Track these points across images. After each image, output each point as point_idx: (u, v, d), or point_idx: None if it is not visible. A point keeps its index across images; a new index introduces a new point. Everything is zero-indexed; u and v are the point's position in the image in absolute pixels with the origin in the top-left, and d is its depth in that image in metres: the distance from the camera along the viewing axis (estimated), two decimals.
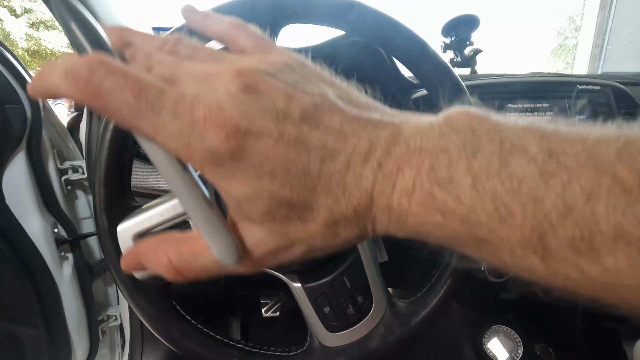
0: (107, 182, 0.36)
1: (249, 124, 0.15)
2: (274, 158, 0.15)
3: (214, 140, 0.15)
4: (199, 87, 0.16)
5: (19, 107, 0.67)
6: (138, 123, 0.15)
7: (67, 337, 0.80)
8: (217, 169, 0.16)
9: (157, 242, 0.20)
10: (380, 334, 0.38)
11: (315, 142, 0.15)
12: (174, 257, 0.19)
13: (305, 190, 0.16)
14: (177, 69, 0.17)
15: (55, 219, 0.77)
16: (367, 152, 0.16)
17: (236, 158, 0.15)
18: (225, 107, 0.15)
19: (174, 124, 0.15)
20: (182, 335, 0.38)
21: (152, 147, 0.16)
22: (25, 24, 9.38)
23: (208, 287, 0.83)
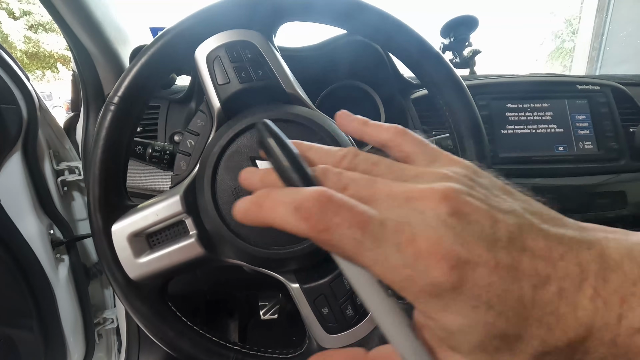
0: (102, 181, 0.36)
1: (468, 253, 0.15)
2: (491, 287, 0.14)
3: (437, 273, 0.14)
4: (404, 212, 0.15)
5: (15, 107, 0.67)
6: (360, 255, 0.15)
7: (63, 340, 0.79)
8: (433, 301, 0.15)
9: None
10: (379, 335, 0.37)
11: (526, 268, 0.15)
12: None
13: (519, 320, 0.15)
14: (372, 189, 0.17)
15: (51, 220, 0.76)
16: (579, 278, 0.15)
17: (456, 289, 0.15)
18: (444, 237, 0.15)
19: (397, 256, 0.15)
20: (178, 337, 0.37)
21: (358, 272, 0.16)
22: (24, 26, 9.39)
23: (205, 288, 0.82)
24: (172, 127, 0.66)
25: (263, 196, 0.17)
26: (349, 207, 0.15)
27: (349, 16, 0.38)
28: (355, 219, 0.15)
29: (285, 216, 0.16)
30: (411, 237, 0.15)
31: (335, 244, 0.15)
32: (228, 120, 0.37)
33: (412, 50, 0.39)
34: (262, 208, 0.17)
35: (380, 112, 0.69)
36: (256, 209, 0.17)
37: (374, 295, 0.17)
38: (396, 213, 0.16)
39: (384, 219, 0.15)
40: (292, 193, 0.16)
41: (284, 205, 0.16)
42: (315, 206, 0.15)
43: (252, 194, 0.17)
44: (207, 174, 0.35)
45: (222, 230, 0.35)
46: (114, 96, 0.36)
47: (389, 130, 0.21)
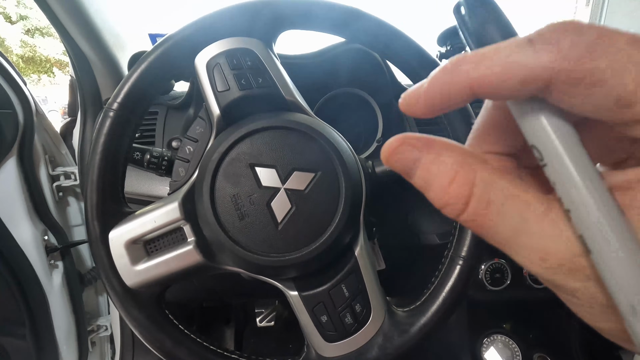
0: (100, 187, 0.36)
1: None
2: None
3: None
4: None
5: (11, 111, 0.66)
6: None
7: (56, 349, 0.77)
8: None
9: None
10: (379, 343, 0.37)
11: None
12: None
13: None
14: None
15: (46, 226, 0.75)
16: None
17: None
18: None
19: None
20: (175, 345, 0.37)
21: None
22: (20, 31, 9.37)
23: (202, 295, 0.81)
24: (170, 133, 0.66)
25: (459, 57, 0.13)
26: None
27: (347, 25, 0.38)
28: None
29: (508, 55, 0.12)
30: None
31: (607, 72, 0.11)
32: (227, 127, 0.37)
33: (410, 58, 0.40)
34: (464, 63, 0.12)
35: (378, 119, 0.69)
36: (453, 67, 0.13)
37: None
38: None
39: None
40: (507, 41, 0.12)
41: (505, 48, 0.12)
42: (565, 29, 0.11)
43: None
44: (206, 181, 0.35)
45: (221, 237, 0.35)
46: (113, 102, 0.36)
47: None
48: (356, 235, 0.38)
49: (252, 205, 0.35)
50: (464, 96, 0.13)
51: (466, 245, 0.38)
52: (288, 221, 0.35)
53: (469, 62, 0.12)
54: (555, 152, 0.12)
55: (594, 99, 0.11)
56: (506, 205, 0.13)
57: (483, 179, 0.13)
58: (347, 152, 0.37)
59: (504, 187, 0.13)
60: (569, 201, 0.12)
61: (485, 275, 0.70)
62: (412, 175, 0.14)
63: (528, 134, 0.13)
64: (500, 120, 0.15)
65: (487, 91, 0.12)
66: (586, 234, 0.11)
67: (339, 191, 0.36)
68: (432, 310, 0.38)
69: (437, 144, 0.14)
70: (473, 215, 0.13)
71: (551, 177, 0.12)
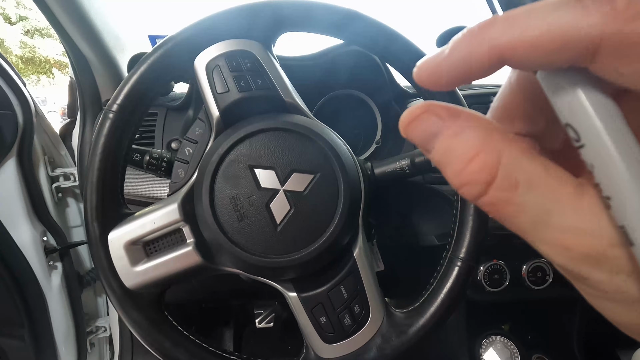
0: (99, 188, 0.36)
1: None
2: None
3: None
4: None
5: (11, 112, 0.66)
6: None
7: (54, 350, 0.77)
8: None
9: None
10: (377, 344, 0.37)
11: None
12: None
13: None
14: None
15: (45, 227, 0.75)
16: None
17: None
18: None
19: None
20: (174, 347, 0.37)
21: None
22: (20, 32, 9.37)
23: (201, 296, 0.81)
24: (169, 134, 0.66)
25: (488, 20, 0.11)
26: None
27: (346, 27, 0.39)
28: None
29: (548, 16, 0.10)
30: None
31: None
32: (227, 129, 0.38)
33: (408, 60, 0.40)
34: (493, 26, 0.11)
35: (377, 120, 0.70)
36: (481, 31, 0.11)
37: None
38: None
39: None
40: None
41: (544, 7, 0.10)
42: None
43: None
44: (205, 182, 0.35)
45: (220, 239, 0.35)
46: (112, 104, 0.36)
47: None
48: (355, 237, 0.38)
49: (251, 207, 0.35)
50: (491, 64, 0.11)
51: (465, 247, 0.38)
52: (287, 222, 0.35)
53: (500, 24, 0.11)
54: (596, 132, 0.10)
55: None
56: (533, 190, 0.12)
57: (510, 159, 0.12)
58: (345, 154, 0.37)
59: (532, 170, 0.12)
60: (610, 188, 0.11)
61: (484, 276, 0.70)
62: (430, 148, 0.13)
63: (563, 110, 0.11)
64: (524, 96, 0.14)
65: (520, 58, 0.11)
66: (630, 224, 0.10)
67: (337, 192, 0.36)
68: (430, 312, 0.38)
69: (463, 115, 0.12)
70: (495, 198, 0.12)
71: (589, 160, 0.11)
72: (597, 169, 0.11)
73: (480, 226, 0.39)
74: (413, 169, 0.44)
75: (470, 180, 0.12)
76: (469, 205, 0.39)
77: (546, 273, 0.70)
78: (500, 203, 0.12)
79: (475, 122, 0.12)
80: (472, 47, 0.11)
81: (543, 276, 0.70)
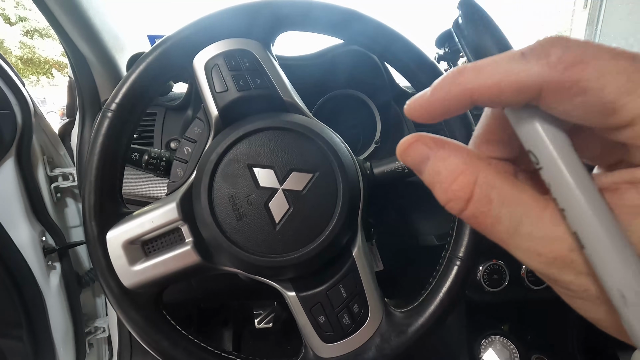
0: (97, 187, 0.36)
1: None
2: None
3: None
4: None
5: (10, 112, 0.66)
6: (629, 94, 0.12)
7: (53, 350, 0.77)
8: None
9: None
10: (376, 344, 0.37)
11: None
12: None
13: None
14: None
15: (44, 227, 0.75)
16: None
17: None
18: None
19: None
20: (172, 347, 0.37)
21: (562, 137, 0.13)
22: (19, 32, 9.37)
23: (199, 296, 0.81)
24: (168, 134, 0.66)
25: (460, 68, 0.14)
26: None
27: (346, 26, 0.39)
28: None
29: (503, 67, 0.13)
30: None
31: (591, 81, 0.12)
32: (225, 128, 0.37)
33: (408, 60, 0.40)
34: (464, 74, 0.14)
35: (376, 120, 0.70)
36: (454, 77, 0.14)
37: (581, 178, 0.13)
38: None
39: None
40: (503, 54, 0.13)
41: (500, 60, 0.13)
42: (554, 43, 0.12)
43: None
44: (204, 182, 0.35)
45: (219, 238, 0.35)
46: (111, 103, 0.36)
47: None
48: (354, 236, 0.38)
49: (250, 206, 0.35)
50: (464, 104, 0.14)
51: (464, 246, 0.38)
52: (286, 222, 0.35)
53: (468, 73, 0.14)
54: (550, 156, 0.13)
55: (581, 106, 0.12)
56: (505, 205, 0.14)
57: (485, 179, 0.14)
58: (345, 153, 0.37)
59: (503, 188, 0.14)
60: (563, 201, 0.13)
61: (483, 276, 0.70)
62: (422, 171, 0.15)
63: (524, 139, 0.14)
64: (498, 128, 0.16)
65: (485, 99, 0.13)
66: (579, 230, 0.12)
67: (336, 192, 0.36)
68: (429, 311, 0.38)
69: (448, 145, 0.15)
70: (474, 213, 0.14)
71: (546, 180, 0.13)
72: (553, 187, 0.13)
73: None
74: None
75: (454, 197, 0.15)
76: None
77: None
78: (479, 216, 0.14)
79: (457, 150, 0.15)
80: (448, 90, 0.14)
81: None
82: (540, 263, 0.14)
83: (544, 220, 0.13)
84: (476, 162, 0.15)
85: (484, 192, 0.14)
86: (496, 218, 0.14)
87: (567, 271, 0.13)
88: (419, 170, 0.15)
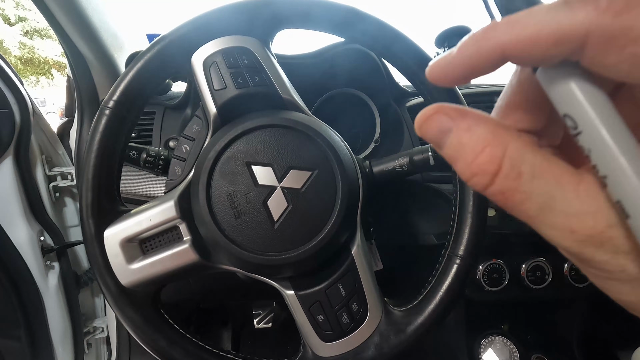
0: (95, 185, 0.35)
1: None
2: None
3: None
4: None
5: (8, 111, 0.66)
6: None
7: (51, 350, 0.77)
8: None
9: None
10: (375, 343, 0.37)
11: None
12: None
13: None
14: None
15: (42, 226, 0.75)
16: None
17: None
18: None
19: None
20: (170, 346, 0.36)
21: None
22: (19, 32, 9.38)
23: (198, 296, 0.81)
24: (167, 133, 0.66)
25: (491, 24, 0.13)
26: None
27: (347, 25, 0.38)
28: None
29: (542, 16, 0.12)
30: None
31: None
32: (224, 126, 0.37)
33: (410, 60, 0.39)
34: (496, 28, 0.12)
35: (375, 119, 0.69)
36: (485, 32, 0.13)
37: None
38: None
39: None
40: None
41: (538, 10, 0.12)
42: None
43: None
44: (202, 179, 0.35)
45: (217, 236, 0.34)
46: (109, 100, 0.36)
47: None
48: (353, 234, 0.38)
49: (249, 204, 0.35)
50: (494, 61, 0.13)
51: (463, 244, 0.38)
52: (284, 220, 0.35)
53: (501, 26, 0.12)
54: (590, 118, 0.12)
55: (630, 59, 0.11)
56: (536, 178, 0.13)
57: (514, 151, 0.13)
58: (344, 151, 0.37)
59: (534, 161, 0.13)
60: (605, 167, 0.12)
61: (483, 275, 0.70)
62: (442, 144, 0.14)
63: (560, 102, 0.13)
64: (525, 95, 0.15)
65: (519, 54, 0.12)
66: (624, 198, 0.11)
67: (335, 190, 0.35)
68: (429, 310, 0.38)
69: (471, 114, 0.14)
70: (501, 188, 0.13)
71: (586, 145, 0.12)
72: (593, 152, 0.12)
73: (479, 224, 0.38)
74: (412, 167, 0.44)
75: (479, 171, 0.13)
76: (468, 203, 0.39)
77: (545, 272, 0.70)
78: (507, 191, 0.13)
79: (483, 120, 0.14)
80: (478, 46, 0.13)
81: (542, 275, 0.70)
82: (573, 242, 0.13)
83: (580, 194, 0.12)
84: (504, 133, 0.13)
85: (514, 165, 0.13)
86: (526, 194, 0.13)
87: (603, 250, 0.12)
88: (438, 145, 0.14)
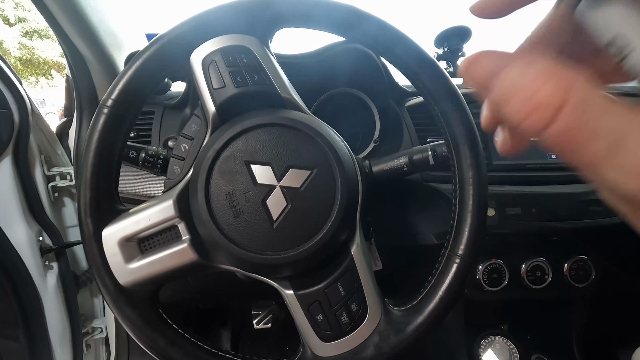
0: (93, 184, 0.35)
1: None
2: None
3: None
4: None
5: (7, 110, 0.66)
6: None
7: (50, 351, 0.76)
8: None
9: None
10: (374, 342, 0.37)
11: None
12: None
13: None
14: None
15: (41, 226, 0.74)
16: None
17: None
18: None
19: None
20: (169, 346, 0.36)
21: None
22: (18, 33, 9.37)
23: (198, 296, 0.81)
24: (166, 133, 0.66)
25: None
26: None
27: (348, 25, 0.38)
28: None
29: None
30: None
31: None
32: (223, 125, 0.37)
33: (411, 61, 0.39)
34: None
35: (375, 119, 0.69)
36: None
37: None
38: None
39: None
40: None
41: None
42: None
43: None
44: (200, 178, 0.35)
45: (216, 235, 0.34)
46: (107, 99, 0.35)
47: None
48: (352, 234, 0.38)
49: (247, 203, 0.34)
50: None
51: (463, 243, 0.38)
52: (283, 219, 0.35)
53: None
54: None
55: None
56: (607, 113, 0.11)
57: (582, 83, 0.11)
58: (343, 150, 0.37)
59: (603, 95, 0.11)
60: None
61: (483, 275, 0.70)
62: (491, 86, 0.13)
63: (605, 27, 0.12)
64: (560, 29, 0.14)
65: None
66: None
67: (334, 189, 0.35)
68: (428, 309, 0.37)
69: (525, 53, 0.13)
70: (567, 124, 0.11)
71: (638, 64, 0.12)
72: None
73: (479, 223, 0.38)
74: (411, 167, 0.43)
75: (539, 106, 0.12)
76: (467, 203, 0.38)
77: (545, 272, 0.70)
78: (573, 129, 0.11)
79: (540, 56, 0.12)
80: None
81: (542, 275, 0.70)
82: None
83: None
84: (568, 66, 0.12)
85: (583, 98, 0.11)
86: (594, 131, 0.11)
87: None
88: (486, 88, 0.13)
